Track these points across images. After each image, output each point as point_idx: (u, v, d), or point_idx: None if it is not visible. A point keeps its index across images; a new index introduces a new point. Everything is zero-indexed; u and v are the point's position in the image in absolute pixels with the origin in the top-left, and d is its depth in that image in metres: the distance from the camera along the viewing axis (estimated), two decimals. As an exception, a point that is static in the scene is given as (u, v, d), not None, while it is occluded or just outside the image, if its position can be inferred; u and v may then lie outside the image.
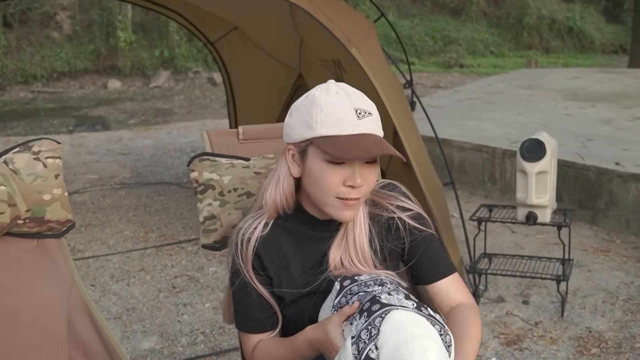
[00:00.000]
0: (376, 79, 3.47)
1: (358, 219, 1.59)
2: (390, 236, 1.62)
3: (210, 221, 1.83)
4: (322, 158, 1.49)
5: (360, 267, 1.58)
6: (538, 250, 4.20)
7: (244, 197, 1.83)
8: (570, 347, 3.07)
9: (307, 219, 1.61)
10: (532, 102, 7.68)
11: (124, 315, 3.55)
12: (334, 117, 1.47)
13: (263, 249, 1.59)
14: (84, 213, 5.27)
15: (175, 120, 10.21)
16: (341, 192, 1.49)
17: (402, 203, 1.63)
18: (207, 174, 1.84)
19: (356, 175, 1.48)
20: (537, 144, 3.26)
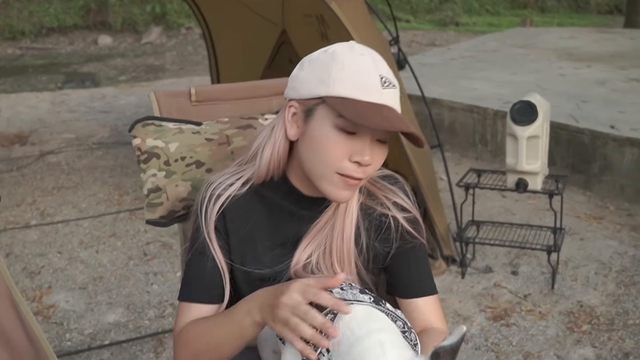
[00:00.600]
0: (358, 35, 3.23)
1: (350, 207, 1.37)
2: (379, 236, 1.40)
3: (155, 194, 1.62)
4: (331, 123, 1.25)
5: (335, 266, 1.35)
6: (529, 217, 4.01)
7: (192, 166, 1.62)
8: (560, 323, 2.89)
9: (288, 191, 1.38)
10: (526, 62, 7.42)
11: (89, 285, 3.35)
12: (357, 78, 1.24)
13: (232, 211, 1.37)
14: (57, 174, 5.05)
15: (166, 77, 9.93)
16: (345, 167, 1.26)
17: (401, 201, 1.40)
18: (151, 141, 1.62)
19: (366, 150, 1.25)
20: (529, 106, 3.04)
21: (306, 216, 1.37)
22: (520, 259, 3.48)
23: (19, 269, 3.52)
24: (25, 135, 6.19)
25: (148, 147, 1.61)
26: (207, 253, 1.35)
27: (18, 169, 5.20)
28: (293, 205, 1.38)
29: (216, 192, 1.37)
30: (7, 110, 7.31)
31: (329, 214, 1.36)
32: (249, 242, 1.38)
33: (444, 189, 3.95)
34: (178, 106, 1.78)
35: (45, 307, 3.15)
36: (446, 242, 3.39)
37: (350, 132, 1.24)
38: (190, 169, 1.61)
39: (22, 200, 4.52)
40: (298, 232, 1.37)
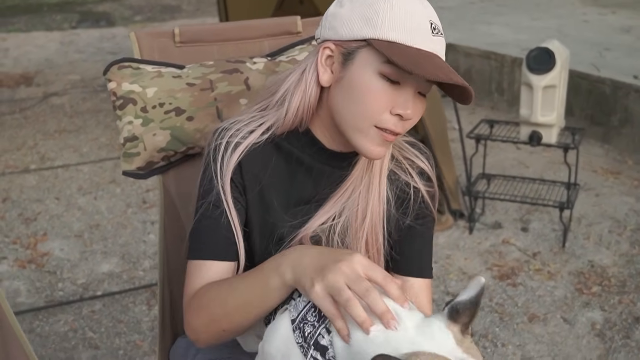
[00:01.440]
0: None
1: (384, 165, 1.23)
2: (401, 206, 1.26)
3: (132, 143, 1.48)
4: (375, 69, 1.11)
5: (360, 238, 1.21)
6: (543, 170, 3.85)
7: (172, 113, 1.48)
8: (568, 284, 2.77)
9: (309, 142, 1.24)
10: (548, 6, 7.15)
11: (85, 232, 3.26)
12: (408, 21, 1.10)
13: (249, 162, 1.22)
14: (60, 117, 4.93)
15: (182, 17, 9.71)
16: (385, 120, 1.12)
17: (427, 169, 1.26)
18: (127, 85, 1.48)
19: (409, 103, 1.11)
20: (546, 53, 2.86)
21: (326, 172, 1.24)
22: (532, 214, 3.34)
23: (15, 215, 3.43)
24: (31, 75, 6.07)
25: (124, 91, 1.48)
26: (221, 206, 1.20)
27: (21, 110, 5.09)
28: (312, 159, 1.24)
29: (234, 140, 1.21)
30: (15, 50, 7.18)
31: (359, 172, 1.23)
32: (265, 198, 1.24)
33: (455, 139, 3.80)
34: (160, 47, 1.63)
35: (39, 255, 3.07)
36: (455, 196, 3.25)
37: (394, 81, 1.10)
38: (169, 117, 1.48)
39: (23, 144, 4.41)
40: (313, 191, 1.24)
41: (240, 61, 1.57)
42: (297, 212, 1.24)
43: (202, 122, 1.48)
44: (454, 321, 0.93)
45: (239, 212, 1.21)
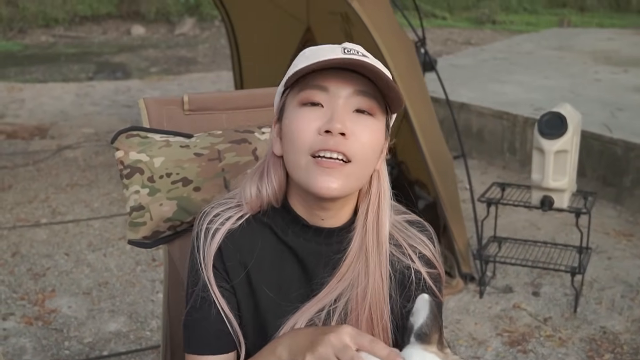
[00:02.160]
0: (380, 35, 3.08)
1: (379, 241, 1.18)
2: (403, 291, 1.21)
3: (138, 213, 1.48)
4: (295, 104, 1.14)
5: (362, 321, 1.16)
6: (555, 232, 3.82)
7: (179, 184, 1.48)
8: (580, 351, 2.72)
9: (292, 220, 1.20)
10: (561, 65, 7.19)
11: (94, 290, 3.25)
12: (313, 51, 1.15)
13: (229, 247, 1.19)
14: (73, 171, 4.97)
15: (198, 70, 9.83)
16: (316, 143, 1.09)
17: (428, 253, 1.22)
18: (134, 154, 1.49)
19: (336, 117, 1.09)
20: (558, 118, 2.86)
21: (313, 252, 1.20)
22: (543, 278, 3.30)
23: (24, 270, 3.43)
24: (46, 128, 6.14)
25: (131, 161, 1.48)
26: (209, 298, 1.18)
27: (34, 163, 5.13)
28: (296, 238, 1.20)
29: (213, 227, 1.19)
30: (31, 101, 7.27)
31: (354, 252, 1.17)
32: (252, 284, 1.21)
33: (467, 200, 3.78)
34: (169, 115, 1.64)
35: (47, 312, 3.06)
36: (465, 259, 3.22)
37: (315, 103, 1.12)
38: (176, 187, 1.48)
39: (35, 197, 4.44)
40: (304, 274, 1.20)
41: (249, 131, 1.58)
42: (289, 298, 1.20)
43: (210, 193, 1.48)
44: (427, 344, 0.95)
45: (228, 300, 1.19)
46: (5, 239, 3.77)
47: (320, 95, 1.11)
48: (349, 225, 1.20)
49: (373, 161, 1.17)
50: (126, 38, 13.45)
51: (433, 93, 3.79)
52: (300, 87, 1.13)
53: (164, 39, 13.34)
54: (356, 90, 1.11)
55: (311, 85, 1.11)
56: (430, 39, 3.73)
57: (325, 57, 1.10)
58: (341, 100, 1.11)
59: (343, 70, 1.11)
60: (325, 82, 1.11)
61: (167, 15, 14.21)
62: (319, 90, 1.11)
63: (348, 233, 1.19)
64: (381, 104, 1.15)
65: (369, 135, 1.12)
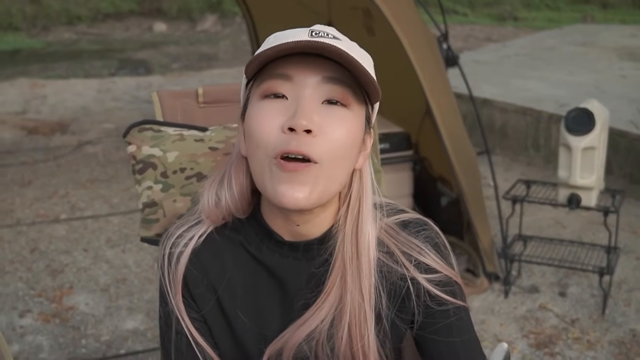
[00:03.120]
0: (403, 30, 3.00)
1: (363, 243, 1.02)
2: (397, 304, 1.07)
3: (151, 209, 1.42)
4: (257, 96, 0.99)
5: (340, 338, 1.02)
6: (582, 230, 3.72)
7: (193, 179, 1.42)
8: (609, 354, 2.63)
9: (265, 235, 1.06)
10: (584, 61, 7.06)
11: (112, 287, 3.22)
12: (278, 36, 1.00)
13: (195, 271, 1.08)
14: (93, 166, 4.95)
15: (219, 66, 9.81)
16: (280, 142, 0.94)
17: (426, 259, 1.05)
18: (147, 149, 1.43)
19: (300, 112, 0.93)
20: (585, 114, 2.77)
21: (292, 270, 1.06)
22: (570, 278, 3.21)
23: (42, 267, 3.40)
24: (67, 123, 6.13)
25: (144, 155, 1.43)
26: (179, 329, 1.07)
27: (55, 158, 5.12)
28: (272, 254, 1.07)
29: (176, 250, 1.08)
30: (53, 97, 7.29)
31: (338, 267, 1.02)
32: (225, 310, 1.09)
33: (490, 197, 3.70)
34: (183, 108, 1.59)
35: (64, 309, 3.02)
36: (490, 258, 3.15)
37: (278, 94, 0.97)
38: (190, 182, 1.42)
39: (54, 193, 4.42)
40: (284, 296, 1.08)
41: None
42: (269, 322, 1.08)
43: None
44: None
45: (200, 331, 1.08)
46: (24, 235, 3.75)
47: (283, 86, 0.97)
48: (330, 233, 1.05)
49: (349, 160, 1.00)
50: (148, 35, 13.48)
51: (455, 88, 3.71)
52: (262, 77, 0.99)
53: (185, 36, 13.36)
54: (325, 77, 0.96)
55: (273, 74, 0.97)
56: (451, 35, 3.65)
57: (289, 41, 0.95)
58: (307, 90, 0.96)
59: (310, 56, 0.96)
60: (289, 70, 0.96)
61: (188, 12, 14.25)
62: (282, 79, 0.97)
63: (329, 242, 1.05)
64: (358, 93, 0.99)
65: (342, 129, 0.97)
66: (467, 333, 1.07)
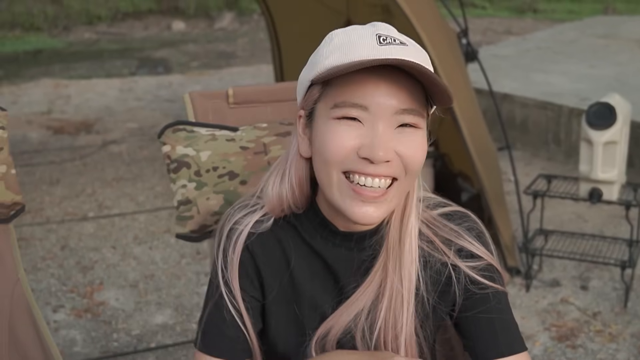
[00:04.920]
0: (423, 27, 3.05)
1: (403, 240, 1.10)
2: (438, 290, 1.13)
3: (185, 207, 1.50)
4: (329, 117, 1.02)
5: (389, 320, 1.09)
6: (603, 224, 3.74)
7: (225, 177, 1.48)
8: (631, 347, 2.66)
9: (320, 223, 1.13)
10: (606, 54, 7.04)
11: (140, 283, 3.29)
12: (347, 42, 1.02)
13: (256, 251, 1.15)
14: (118, 165, 5.03)
15: (237, 64, 9.87)
16: (351, 164, 1.00)
17: (468, 245, 1.12)
18: (181, 149, 1.50)
19: (377, 142, 0.98)
20: (607, 109, 2.80)
21: (343, 258, 1.13)
22: (591, 272, 3.24)
23: (72, 263, 3.48)
24: (91, 123, 6.22)
25: (178, 155, 1.49)
26: (224, 303, 1.14)
27: (81, 158, 5.21)
28: (325, 243, 1.13)
29: (237, 230, 1.14)
30: (76, 97, 7.39)
31: (383, 256, 1.10)
32: (295, 288, 1.16)
33: (511, 192, 3.73)
34: (214, 108, 1.65)
35: (95, 304, 3.10)
36: (511, 252, 3.18)
37: (351, 117, 1.00)
38: (222, 181, 1.48)
39: (82, 191, 4.51)
40: (336, 281, 1.14)
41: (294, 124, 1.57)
42: (322, 307, 1.15)
43: (256, 186, 1.47)
44: None
45: (249, 307, 1.14)
46: (54, 233, 3.84)
47: (359, 112, 1.00)
48: (381, 226, 1.12)
49: (419, 172, 1.08)
50: (167, 33, 13.57)
51: (475, 84, 3.74)
52: (335, 93, 1.01)
53: (203, 34, 13.43)
54: (400, 109, 1.00)
55: (348, 103, 1.00)
56: (470, 28, 3.66)
57: (360, 53, 0.99)
58: (383, 121, 1.00)
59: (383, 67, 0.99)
60: (364, 100, 0.99)
61: (206, 10, 14.32)
62: (357, 108, 1.00)
63: (380, 234, 1.12)
64: (423, 106, 1.04)
65: (415, 151, 1.03)
66: (507, 316, 1.13)
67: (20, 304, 1.46)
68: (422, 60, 1.02)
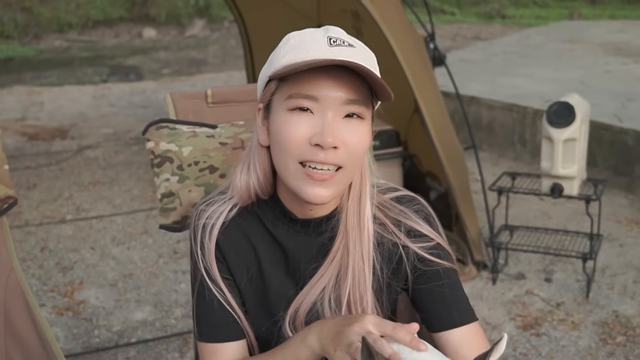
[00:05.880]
0: (391, 31, 3.17)
1: (361, 220, 1.22)
2: (391, 268, 1.25)
3: (168, 199, 1.59)
4: (284, 108, 1.14)
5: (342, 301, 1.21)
6: (567, 221, 3.90)
7: (206, 171, 1.58)
8: (593, 334, 2.80)
9: (280, 212, 1.25)
10: (571, 57, 7.25)
11: (120, 282, 3.37)
12: (300, 43, 1.14)
13: (226, 240, 1.25)
14: (94, 169, 5.09)
15: (209, 71, 9.95)
16: (305, 152, 1.12)
17: (415, 225, 1.23)
18: (164, 145, 1.59)
19: (327, 129, 1.10)
20: (566, 108, 2.94)
21: (303, 244, 1.25)
22: (555, 265, 3.38)
23: (52, 264, 3.55)
24: (66, 129, 6.27)
25: (161, 150, 1.58)
26: (208, 292, 1.25)
27: (57, 162, 5.26)
28: (287, 230, 1.25)
29: (210, 222, 1.25)
30: (50, 104, 7.42)
31: (340, 238, 1.22)
32: (251, 279, 1.27)
33: (478, 191, 3.87)
34: (194, 108, 1.75)
35: (76, 303, 3.17)
36: (478, 247, 3.31)
37: (304, 108, 1.12)
38: (203, 174, 1.58)
39: (59, 195, 4.57)
40: (297, 264, 1.26)
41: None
42: (288, 290, 1.25)
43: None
44: None
45: (231, 290, 1.25)
46: (33, 235, 3.90)
47: (310, 103, 1.12)
48: (336, 211, 1.24)
49: (363, 158, 1.19)
50: (138, 41, 13.59)
51: (443, 87, 3.87)
52: (289, 87, 1.13)
53: (174, 41, 13.48)
54: (347, 100, 1.12)
55: (300, 95, 1.12)
56: (438, 34, 3.80)
57: (312, 53, 1.11)
58: (331, 110, 1.12)
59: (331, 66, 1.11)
60: (315, 92, 1.11)
61: (177, 18, 14.35)
62: (308, 99, 1.12)
63: (335, 218, 1.23)
64: (368, 99, 1.15)
65: (360, 139, 1.15)
66: (457, 290, 1.25)
67: (15, 292, 1.55)
68: (367, 60, 1.14)
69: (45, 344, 1.54)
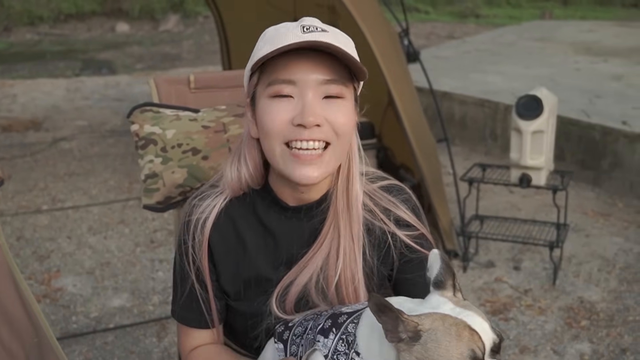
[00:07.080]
0: (367, 26, 3.24)
1: (350, 204, 1.27)
2: (380, 254, 1.31)
3: (152, 180, 1.64)
4: (266, 95, 1.20)
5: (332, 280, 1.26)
6: (535, 212, 4.01)
7: (189, 153, 1.64)
8: (558, 319, 2.90)
9: (272, 201, 1.31)
10: (542, 56, 7.39)
11: (97, 270, 3.40)
12: (276, 34, 1.20)
13: (218, 232, 1.32)
14: (69, 161, 5.11)
15: (183, 66, 9.94)
16: (289, 134, 1.18)
17: (403, 215, 1.30)
18: (148, 127, 1.64)
19: (307, 110, 1.16)
20: (534, 100, 3.04)
21: (295, 230, 1.30)
22: (524, 254, 3.49)
23: (29, 253, 3.57)
24: (39, 121, 6.26)
25: (145, 133, 1.64)
26: (191, 285, 1.33)
27: (31, 154, 5.26)
28: (279, 218, 1.31)
29: (202, 217, 1.31)
30: (22, 96, 7.39)
31: (330, 221, 1.27)
32: (236, 268, 1.33)
33: (450, 183, 3.96)
34: (177, 93, 1.81)
35: (53, 290, 3.20)
36: (449, 236, 3.40)
37: (285, 95, 1.18)
38: (186, 156, 1.63)
39: (34, 186, 4.58)
40: (290, 250, 1.31)
41: (246, 110, 1.74)
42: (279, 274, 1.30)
43: (216, 161, 1.63)
44: (443, 289, 1.08)
45: (213, 283, 1.32)
46: (9, 225, 3.92)
47: (289, 88, 1.18)
48: (327, 195, 1.29)
49: (350, 138, 1.24)
50: (111, 35, 13.49)
51: (417, 83, 3.95)
52: (268, 76, 1.19)
53: (148, 36, 13.39)
54: (323, 80, 1.17)
55: (279, 80, 1.17)
56: (413, 33, 3.88)
57: (286, 40, 1.15)
58: (310, 91, 1.17)
59: (306, 50, 1.16)
60: (291, 75, 1.16)
61: (151, 12, 14.24)
62: (286, 84, 1.18)
63: (326, 202, 1.29)
64: (347, 79, 1.21)
65: (342, 117, 1.20)
66: None
67: (1, 269, 1.59)
68: (341, 42, 1.20)
69: (32, 318, 1.59)
